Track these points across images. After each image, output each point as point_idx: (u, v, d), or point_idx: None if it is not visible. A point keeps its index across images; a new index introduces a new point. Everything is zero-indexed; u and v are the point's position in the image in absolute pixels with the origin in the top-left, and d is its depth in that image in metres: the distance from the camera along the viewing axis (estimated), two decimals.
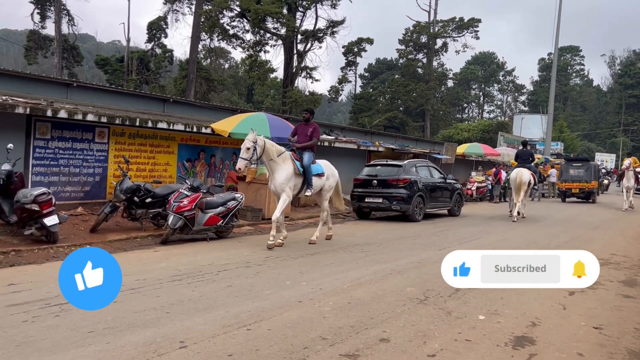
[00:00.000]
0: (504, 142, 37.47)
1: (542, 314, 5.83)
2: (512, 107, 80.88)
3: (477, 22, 47.42)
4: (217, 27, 33.71)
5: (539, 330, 5.29)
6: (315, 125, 10.46)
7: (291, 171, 9.65)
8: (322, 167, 10.48)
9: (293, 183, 9.72)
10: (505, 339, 4.99)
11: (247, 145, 9.11)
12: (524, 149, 17.22)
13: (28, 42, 37.79)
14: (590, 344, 5.01)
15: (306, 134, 10.27)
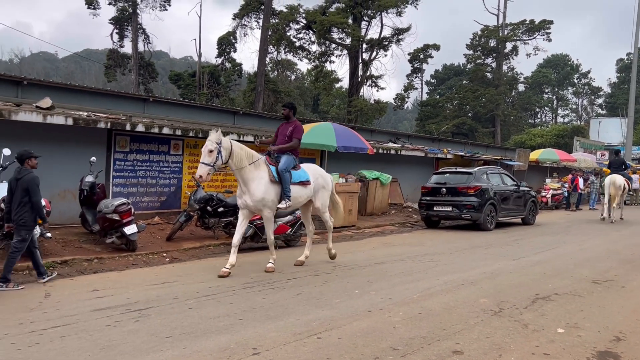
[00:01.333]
0: (580, 148, 35.75)
1: (627, 328, 5.50)
2: (588, 111, 77.04)
3: (548, 23, 45.69)
4: (283, 39, 34.40)
5: (624, 346, 4.99)
6: (297, 124, 8.71)
7: (267, 179, 8.03)
8: (307, 173, 8.65)
9: (274, 194, 8.08)
10: (587, 354, 4.74)
11: (209, 147, 7.55)
12: (616, 158, 18.29)
13: (108, 60, 40.10)
14: None
15: (286, 134, 8.67)
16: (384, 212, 16.67)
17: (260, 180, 7.94)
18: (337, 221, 13.27)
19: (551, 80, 72.89)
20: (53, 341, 4.77)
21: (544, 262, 9.44)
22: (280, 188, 8.13)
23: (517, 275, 8.24)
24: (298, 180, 8.42)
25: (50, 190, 10.04)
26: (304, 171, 8.63)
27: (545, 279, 7.94)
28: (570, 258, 10.00)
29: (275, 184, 8.07)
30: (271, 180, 8.02)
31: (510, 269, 8.72)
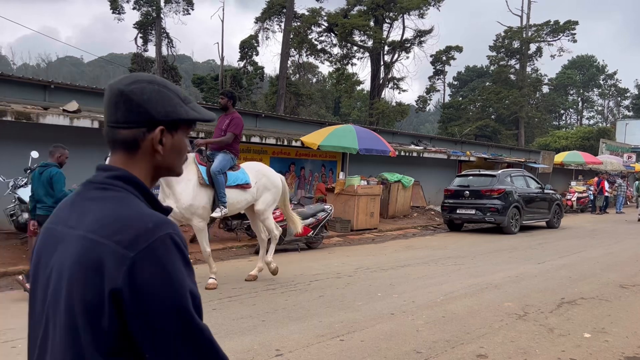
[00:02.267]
0: (606, 150, 35.07)
1: None
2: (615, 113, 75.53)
3: (573, 24, 44.95)
4: (305, 42, 34.51)
5: None
6: (235, 116, 7.51)
7: (195, 182, 6.83)
8: (247, 174, 7.45)
9: (206, 200, 6.87)
10: (615, 359, 4.66)
11: None
12: None
13: (132, 64, 40.68)
14: None
15: (222, 127, 7.49)
16: (406, 215, 16.59)
17: (187, 182, 6.71)
18: (357, 224, 13.30)
19: (576, 81, 71.72)
20: None
21: (570, 266, 9.29)
22: (213, 192, 6.95)
23: (542, 279, 8.13)
24: (235, 183, 7.22)
25: None
26: (243, 172, 7.44)
27: (571, 283, 7.82)
28: (596, 262, 9.82)
29: (206, 188, 6.88)
30: (200, 183, 6.83)
31: (535, 273, 8.61)
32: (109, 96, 1.22)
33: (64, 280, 1.09)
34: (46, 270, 1.17)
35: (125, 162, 1.23)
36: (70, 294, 1.07)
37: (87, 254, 1.07)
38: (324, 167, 16.02)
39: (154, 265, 1.05)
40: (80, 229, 1.12)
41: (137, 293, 1.02)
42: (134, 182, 1.20)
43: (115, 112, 1.21)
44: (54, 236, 1.19)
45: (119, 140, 1.22)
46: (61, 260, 1.12)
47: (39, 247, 1.23)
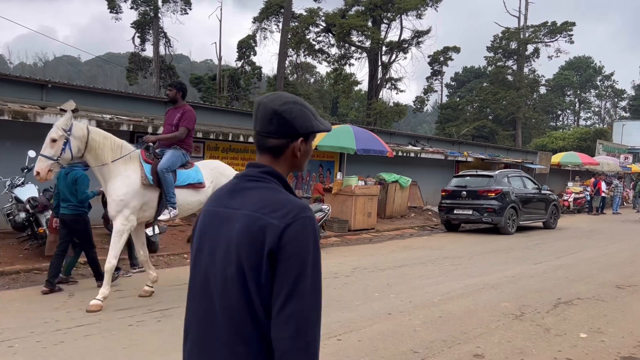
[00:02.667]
0: (603, 151, 35.17)
1: None
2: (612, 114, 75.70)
3: (571, 25, 45.03)
4: (303, 42, 34.54)
5: None
6: (186, 109, 6.85)
7: (135, 180, 6.18)
8: (200, 172, 6.87)
9: (138, 201, 6.19)
10: (611, 359, 4.68)
11: (52, 136, 5.99)
12: None
13: (129, 63, 40.64)
14: None
15: (172, 122, 6.84)
16: (403, 215, 16.61)
17: (124, 178, 6.11)
18: (355, 224, 13.31)
19: (573, 82, 71.87)
20: (77, 340, 4.85)
21: (566, 267, 9.32)
22: (157, 194, 6.34)
23: (539, 279, 8.16)
24: (186, 183, 6.61)
25: None
26: (196, 170, 6.83)
27: (568, 284, 7.85)
28: (593, 262, 9.86)
29: (150, 188, 6.25)
30: (143, 183, 6.19)
31: (532, 273, 8.63)
32: (263, 112, 1.60)
33: (233, 246, 1.47)
34: (212, 241, 1.56)
35: (271, 161, 1.62)
36: (239, 256, 1.45)
37: (252, 226, 1.46)
38: (322, 167, 16.02)
39: (299, 235, 1.44)
40: (245, 209, 1.52)
41: (283, 248, 1.42)
42: (278, 177, 1.61)
43: (269, 126, 1.59)
44: (219, 215, 1.58)
45: (268, 146, 1.62)
46: (229, 232, 1.51)
47: (203, 224, 1.62)
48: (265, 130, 1.60)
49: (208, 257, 1.56)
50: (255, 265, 1.43)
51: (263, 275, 1.43)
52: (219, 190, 1.68)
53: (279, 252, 1.42)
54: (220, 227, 1.55)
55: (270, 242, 1.42)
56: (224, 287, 1.48)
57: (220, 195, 1.64)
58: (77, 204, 6.69)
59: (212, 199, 1.66)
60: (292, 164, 1.66)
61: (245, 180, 1.61)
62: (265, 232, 1.44)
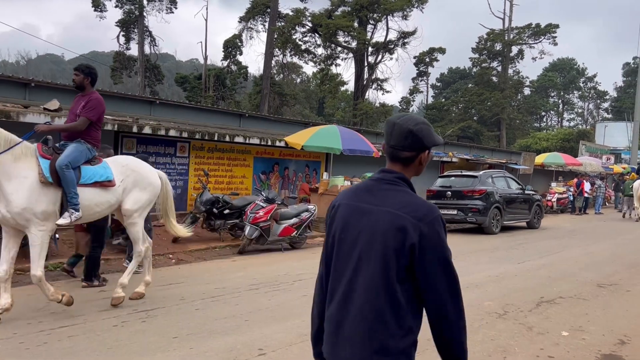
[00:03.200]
0: (586, 152, 35.62)
1: (632, 331, 5.52)
2: (594, 115, 76.72)
3: (554, 27, 45.58)
4: (289, 42, 34.50)
5: (629, 349, 5.01)
6: (93, 96, 6.09)
7: (33, 181, 5.39)
8: (109, 169, 6.07)
9: (47, 202, 5.45)
10: (592, 357, 4.76)
11: None
12: None
13: (114, 62, 40.30)
14: None
15: (76, 112, 6.07)
16: None
17: (21, 181, 5.30)
18: None
19: (557, 84, 72.69)
20: (61, 341, 4.82)
21: (549, 266, 9.44)
22: (59, 193, 5.54)
23: (522, 278, 8.26)
24: (92, 181, 5.81)
25: None
26: (104, 166, 6.03)
27: (550, 283, 7.96)
28: (575, 262, 10.00)
29: (50, 187, 5.46)
30: (42, 180, 5.40)
31: (515, 273, 8.73)
32: (399, 131, 2.02)
33: (378, 235, 1.90)
34: (354, 230, 1.98)
35: (401, 169, 2.06)
36: (384, 244, 1.88)
37: (395, 221, 1.89)
38: (308, 167, 16.05)
39: (433, 232, 1.89)
40: (385, 207, 1.94)
41: (423, 246, 1.86)
42: (407, 181, 2.05)
43: (404, 142, 2.02)
44: (359, 208, 2.00)
45: (402, 157, 2.05)
46: (371, 224, 1.93)
47: (345, 214, 2.03)
48: (400, 145, 2.04)
49: (352, 240, 1.99)
50: (397, 251, 1.87)
51: (402, 259, 1.87)
52: (354, 188, 2.15)
53: (420, 242, 1.87)
54: (362, 217, 1.99)
55: (411, 237, 1.86)
56: (367, 263, 1.92)
57: (357, 193, 2.10)
58: None
59: (349, 195, 2.12)
60: (416, 170, 2.12)
61: (382, 182, 2.05)
62: (407, 227, 1.88)
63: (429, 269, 1.88)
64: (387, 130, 2.08)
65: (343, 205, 2.08)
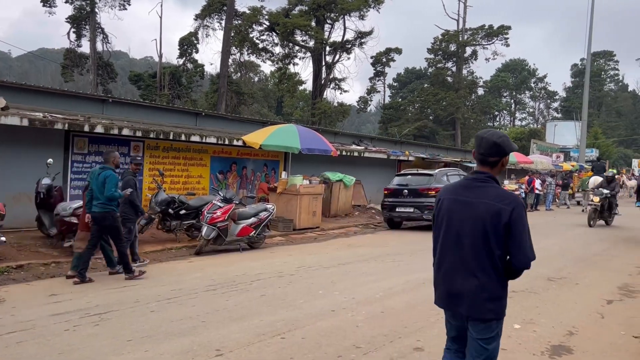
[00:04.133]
0: (536, 150, 36.78)
1: (580, 323, 5.72)
2: (545, 114, 79.43)
3: (507, 29, 46.87)
4: (246, 41, 34.25)
5: (577, 340, 5.20)
6: None
7: None
8: None
9: None
10: (542, 348, 4.92)
11: None
12: (598, 162, 25.93)
13: (65, 60, 39.05)
14: (630, 353, 4.90)
15: None
16: (347, 214, 16.80)
17: None
18: (300, 223, 13.36)
19: (509, 84, 74.87)
20: (8, 347, 4.64)
21: None
22: None
23: None
24: None
25: (5, 193, 9.75)
26: None
27: None
28: None
29: None
30: None
31: None
32: (487, 142, 2.90)
33: (479, 219, 2.81)
34: (459, 215, 2.91)
35: (489, 170, 2.93)
36: (484, 224, 2.80)
37: (491, 209, 2.79)
38: (266, 166, 15.97)
39: (519, 214, 2.77)
40: (482, 199, 2.84)
41: (512, 224, 2.76)
42: (495, 179, 2.92)
43: (490, 150, 2.90)
44: (459, 201, 2.92)
45: (490, 161, 2.92)
46: (473, 211, 2.84)
47: (449, 206, 2.97)
48: (488, 153, 2.94)
49: (458, 223, 2.93)
50: (494, 228, 2.81)
51: (499, 234, 2.81)
52: (452, 186, 3.12)
53: (510, 222, 2.80)
54: (464, 208, 2.93)
55: (505, 218, 2.80)
56: (472, 239, 2.87)
57: (456, 189, 3.05)
58: (105, 202, 7.31)
59: (450, 191, 3.08)
60: (499, 170, 3.00)
61: (475, 181, 2.97)
62: (501, 213, 2.81)
63: (518, 238, 2.81)
64: (477, 142, 2.99)
65: (446, 199, 3.05)
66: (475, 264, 2.85)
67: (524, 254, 2.82)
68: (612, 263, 9.72)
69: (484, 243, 2.83)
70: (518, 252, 2.81)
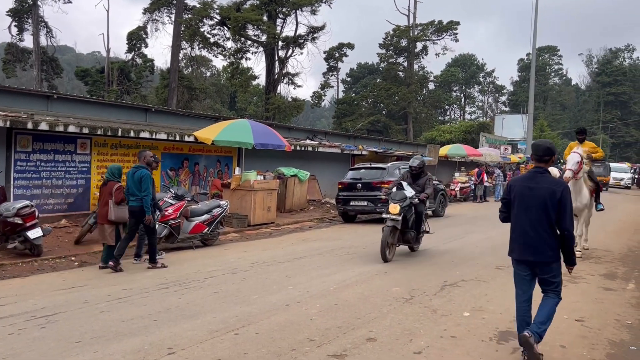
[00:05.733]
0: (485, 143, 37.81)
1: None
2: (493, 108, 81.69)
3: (456, 24, 47.89)
4: (197, 35, 33.73)
5: None
6: None
7: None
8: None
9: None
10: (490, 334, 5.08)
11: None
12: None
13: (6, 54, 37.44)
14: (572, 336, 5.13)
15: None
16: (302, 209, 16.83)
17: None
18: (254, 219, 13.30)
19: (459, 79, 76.60)
20: None
21: (452, 251, 9.95)
22: None
23: (427, 264, 8.64)
24: None
25: None
26: None
27: (453, 267, 8.39)
28: (476, 247, 10.60)
29: None
30: None
31: (421, 259, 9.13)
32: (543, 147, 4.50)
33: (541, 198, 4.35)
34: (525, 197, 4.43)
35: (545, 165, 4.49)
36: (544, 201, 4.33)
37: (549, 190, 4.34)
38: (219, 162, 15.79)
39: (565, 193, 4.35)
40: (543, 184, 4.38)
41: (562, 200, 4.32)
42: (548, 172, 4.50)
43: (545, 152, 4.46)
44: (526, 187, 4.44)
45: (544, 160, 4.47)
46: (537, 193, 4.37)
47: (520, 190, 4.49)
48: (543, 154, 4.44)
49: (528, 200, 4.38)
50: (551, 202, 4.28)
51: (554, 206, 4.29)
52: (519, 177, 4.70)
53: (560, 199, 4.27)
54: (531, 191, 4.38)
55: (558, 195, 4.28)
56: (537, 209, 4.34)
57: (524, 179, 4.55)
58: (141, 197, 8.05)
59: (519, 180, 4.60)
60: (549, 165, 4.48)
61: (536, 173, 4.45)
62: (555, 192, 4.29)
63: (563, 209, 4.29)
64: (534, 148, 4.55)
65: (516, 185, 4.57)
66: (539, 225, 4.33)
67: (566, 220, 4.30)
68: None
69: (544, 212, 4.31)
70: (563, 218, 4.30)
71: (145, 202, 8.04)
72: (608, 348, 4.83)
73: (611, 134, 73.63)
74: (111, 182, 8.43)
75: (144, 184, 8.04)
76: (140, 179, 8.06)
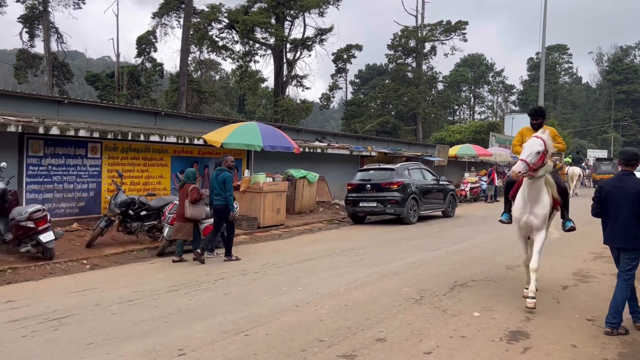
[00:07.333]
0: (495, 143, 37.57)
1: (537, 308, 5.91)
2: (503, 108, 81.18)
3: (464, 24, 47.67)
4: (206, 39, 33.87)
5: (533, 325, 5.38)
6: None
7: None
8: None
9: None
10: (500, 334, 5.07)
11: None
12: (576, 155, 31.42)
13: (17, 61, 37.81)
14: (583, 335, 5.10)
15: None
16: (312, 210, 16.85)
17: None
18: (264, 221, 13.33)
19: (468, 79, 76.22)
20: None
21: (463, 252, 9.92)
22: None
23: (437, 264, 8.62)
24: None
25: None
26: None
27: (463, 267, 8.37)
28: (486, 247, 10.56)
29: None
30: None
31: (431, 259, 9.11)
32: (630, 154, 5.38)
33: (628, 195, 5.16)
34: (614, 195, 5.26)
35: (630, 169, 5.35)
36: (632, 197, 5.13)
37: (636, 189, 5.14)
38: None
39: None
40: (629, 184, 5.21)
41: None
42: (634, 174, 5.30)
43: (631, 158, 5.35)
44: (615, 186, 5.30)
45: (631, 164, 5.35)
46: (623, 192, 5.20)
47: (610, 190, 5.34)
48: (631, 159, 5.32)
49: (617, 198, 5.20)
50: (638, 199, 5.08)
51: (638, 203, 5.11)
52: (609, 180, 5.53)
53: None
54: (620, 190, 5.23)
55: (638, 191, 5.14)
56: (627, 205, 5.13)
57: (612, 181, 5.40)
58: (225, 197, 9.03)
59: (608, 182, 5.47)
60: (635, 169, 5.31)
61: (624, 175, 5.31)
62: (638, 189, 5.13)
63: None
64: (622, 155, 5.38)
65: (606, 185, 5.36)
66: (630, 219, 5.10)
67: None
68: (567, 250, 10.05)
69: (632, 207, 5.09)
70: None
71: (230, 201, 9.01)
72: (620, 347, 4.80)
73: (623, 133, 72.91)
74: (187, 184, 9.25)
75: (227, 184, 9.03)
76: (224, 181, 9.05)
